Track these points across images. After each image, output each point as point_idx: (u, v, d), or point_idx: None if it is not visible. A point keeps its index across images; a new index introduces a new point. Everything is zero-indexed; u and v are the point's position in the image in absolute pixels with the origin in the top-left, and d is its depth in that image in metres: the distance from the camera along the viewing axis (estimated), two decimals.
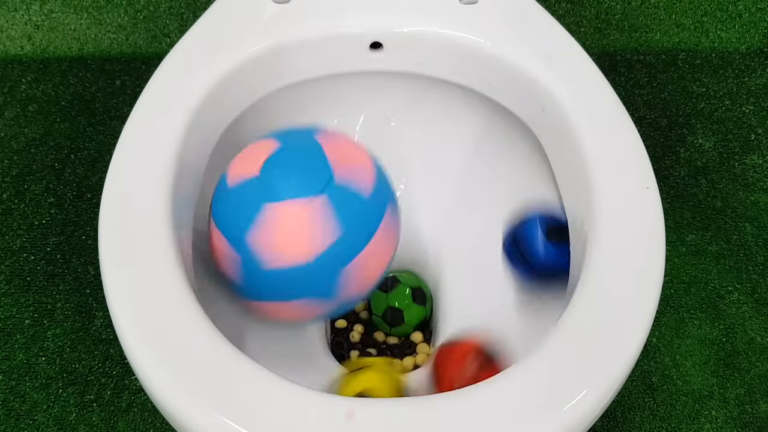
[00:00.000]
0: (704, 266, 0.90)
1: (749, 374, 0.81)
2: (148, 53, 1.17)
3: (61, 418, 0.76)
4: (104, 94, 1.11)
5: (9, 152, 1.03)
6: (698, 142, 1.05)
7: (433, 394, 0.41)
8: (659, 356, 0.82)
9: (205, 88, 0.58)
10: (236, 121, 0.64)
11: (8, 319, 0.84)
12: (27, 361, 0.80)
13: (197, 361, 0.41)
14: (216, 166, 0.64)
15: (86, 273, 0.88)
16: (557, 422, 0.39)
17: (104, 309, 0.85)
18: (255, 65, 0.62)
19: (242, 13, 0.64)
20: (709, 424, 0.77)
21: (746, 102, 1.11)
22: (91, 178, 0.99)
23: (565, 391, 0.40)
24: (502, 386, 0.40)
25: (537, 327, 0.57)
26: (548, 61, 0.61)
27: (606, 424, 0.77)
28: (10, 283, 0.87)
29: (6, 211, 0.95)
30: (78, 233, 0.93)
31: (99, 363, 0.80)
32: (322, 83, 0.69)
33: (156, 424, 0.76)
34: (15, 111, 1.09)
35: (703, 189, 0.99)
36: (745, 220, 0.95)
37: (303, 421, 0.39)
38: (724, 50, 1.19)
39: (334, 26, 0.64)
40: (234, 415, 0.39)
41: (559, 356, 0.42)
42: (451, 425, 0.39)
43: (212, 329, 0.43)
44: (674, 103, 1.10)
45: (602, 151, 0.54)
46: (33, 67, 1.15)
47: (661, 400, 0.79)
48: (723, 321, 0.85)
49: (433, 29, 0.64)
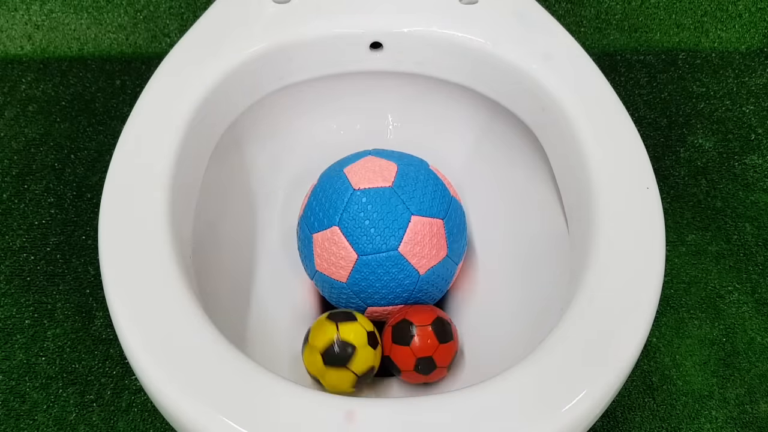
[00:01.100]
0: (704, 266, 0.90)
1: (749, 374, 0.81)
2: (148, 53, 1.17)
3: (61, 418, 0.76)
4: (104, 94, 1.11)
5: (9, 152, 1.03)
6: (698, 142, 1.05)
7: (433, 395, 0.41)
8: (659, 356, 0.82)
9: (205, 88, 0.58)
10: (236, 121, 0.64)
11: (8, 319, 0.84)
12: (27, 361, 0.80)
13: (197, 361, 0.41)
14: (216, 166, 0.64)
15: (86, 273, 0.88)
16: (557, 422, 0.39)
17: (104, 309, 0.85)
18: (255, 65, 0.62)
19: (242, 13, 0.64)
20: (709, 424, 0.77)
21: (746, 102, 1.11)
22: (91, 178, 0.99)
23: (565, 391, 0.40)
24: (502, 386, 0.40)
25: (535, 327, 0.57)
26: (548, 60, 0.61)
27: (606, 424, 0.77)
28: (10, 283, 0.87)
29: (6, 211, 0.95)
30: (78, 233, 0.93)
31: (99, 363, 0.80)
32: (322, 83, 0.69)
33: (156, 424, 0.76)
34: (15, 111, 1.09)
35: (703, 189, 0.99)
36: (745, 220, 0.95)
37: (303, 421, 0.39)
38: (724, 50, 1.19)
39: (334, 26, 0.64)
40: (234, 415, 0.39)
41: (559, 356, 0.42)
42: (451, 425, 0.39)
43: (212, 329, 0.43)
44: (674, 103, 1.10)
45: (602, 151, 0.54)
46: (33, 67, 1.15)
47: (661, 400, 0.79)
48: (723, 321, 0.85)
49: (433, 29, 0.64)
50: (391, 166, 0.59)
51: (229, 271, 0.63)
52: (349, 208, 0.57)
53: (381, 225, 0.56)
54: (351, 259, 0.57)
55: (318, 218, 0.59)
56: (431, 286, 0.60)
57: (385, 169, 0.59)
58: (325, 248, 0.58)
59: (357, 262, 0.57)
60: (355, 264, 0.57)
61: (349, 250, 0.57)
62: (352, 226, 0.57)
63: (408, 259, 0.57)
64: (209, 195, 0.62)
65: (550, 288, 0.59)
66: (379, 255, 0.56)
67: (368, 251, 0.56)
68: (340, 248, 0.57)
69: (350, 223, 0.57)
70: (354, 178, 0.58)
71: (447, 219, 0.59)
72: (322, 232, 0.58)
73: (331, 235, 0.57)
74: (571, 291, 0.47)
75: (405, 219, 0.57)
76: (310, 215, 0.60)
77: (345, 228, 0.57)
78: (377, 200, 0.57)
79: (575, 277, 0.48)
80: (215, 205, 0.64)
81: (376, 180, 0.58)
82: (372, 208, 0.57)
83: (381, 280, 0.57)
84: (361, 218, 0.57)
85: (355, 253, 0.57)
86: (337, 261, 0.58)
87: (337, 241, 0.57)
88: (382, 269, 0.57)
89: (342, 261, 0.57)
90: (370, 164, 0.60)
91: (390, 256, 0.56)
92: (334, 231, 0.57)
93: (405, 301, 0.60)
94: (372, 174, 0.58)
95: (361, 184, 0.58)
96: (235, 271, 0.65)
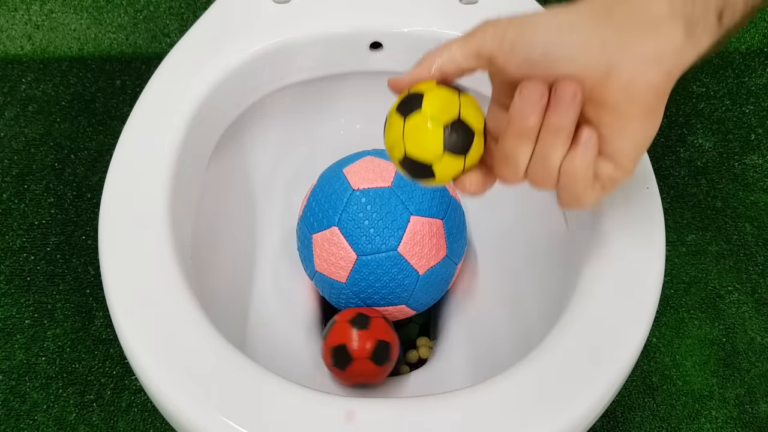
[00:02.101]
0: (704, 266, 0.90)
1: (749, 374, 0.81)
2: (148, 53, 1.17)
3: (61, 418, 0.76)
4: (104, 94, 1.11)
5: (9, 152, 1.03)
6: (698, 142, 1.05)
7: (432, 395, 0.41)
8: (659, 356, 0.82)
9: (205, 88, 0.58)
10: (236, 121, 0.64)
11: (8, 319, 0.84)
12: (27, 361, 0.80)
13: (197, 361, 0.41)
14: (216, 166, 0.64)
15: (86, 273, 0.88)
16: (557, 422, 0.39)
17: (104, 309, 0.85)
18: (255, 65, 0.62)
19: (242, 13, 0.64)
20: (709, 424, 0.77)
21: (746, 102, 1.11)
22: (91, 178, 0.99)
23: (565, 391, 0.40)
24: (502, 386, 0.40)
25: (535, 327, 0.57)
26: None
27: (606, 424, 0.77)
28: (10, 283, 0.87)
29: (6, 211, 0.95)
30: (78, 233, 0.93)
31: (99, 363, 0.80)
32: (322, 83, 0.69)
33: (156, 424, 0.76)
34: (15, 111, 1.09)
35: (703, 189, 0.99)
36: (745, 220, 0.95)
37: (303, 421, 0.39)
38: (724, 50, 1.19)
39: (334, 26, 0.64)
40: (234, 415, 0.39)
41: (558, 356, 0.42)
42: (451, 425, 0.39)
43: (212, 329, 0.43)
44: (674, 103, 1.10)
45: None
46: (33, 67, 1.15)
47: (661, 400, 0.79)
48: (723, 321, 0.85)
49: (433, 29, 0.64)
50: (390, 166, 0.59)
51: (229, 271, 0.63)
52: (349, 208, 0.57)
53: (380, 225, 0.56)
54: (350, 260, 0.57)
55: (317, 219, 0.59)
56: (431, 285, 0.60)
57: (384, 169, 0.59)
58: (325, 249, 0.58)
59: (356, 263, 0.57)
60: (354, 264, 0.57)
61: (349, 250, 0.57)
62: (352, 227, 0.57)
63: (407, 259, 0.57)
64: (209, 195, 0.62)
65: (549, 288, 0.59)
66: (379, 255, 0.56)
67: (368, 251, 0.56)
68: (340, 248, 0.57)
69: (349, 224, 0.57)
70: (353, 178, 0.59)
71: (446, 219, 0.59)
72: (322, 232, 0.58)
73: (331, 236, 0.57)
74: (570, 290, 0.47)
75: (404, 219, 0.57)
76: (310, 216, 0.60)
77: (344, 228, 0.57)
78: (376, 200, 0.57)
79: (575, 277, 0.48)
80: (215, 205, 0.64)
81: (375, 180, 0.58)
82: (371, 209, 0.57)
83: (381, 281, 0.57)
84: (361, 218, 0.57)
85: (354, 254, 0.57)
86: (336, 261, 0.58)
87: (336, 242, 0.57)
88: (382, 269, 0.57)
89: (341, 261, 0.57)
90: (369, 164, 0.60)
91: (389, 257, 0.56)
92: (333, 231, 0.57)
93: (405, 302, 0.60)
94: (371, 174, 0.59)
95: (361, 184, 0.58)
96: (235, 271, 0.65)
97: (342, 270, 0.58)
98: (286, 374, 0.41)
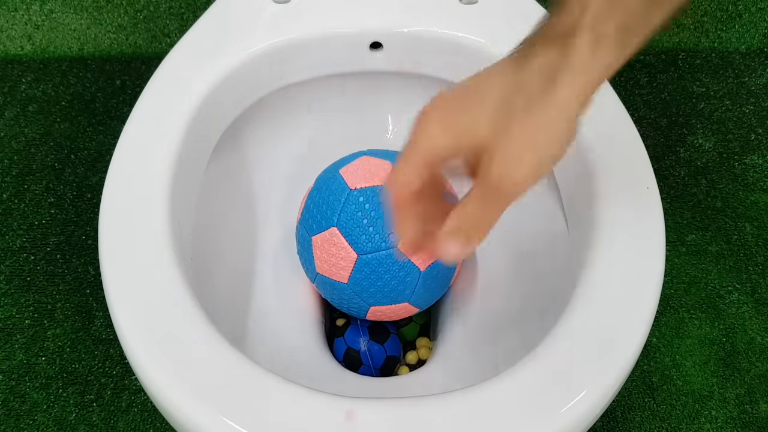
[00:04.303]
0: (704, 266, 0.90)
1: (749, 374, 0.81)
2: (148, 53, 1.17)
3: (61, 418, 0.76)
4: (104, 94, 1.11)
5: (9, 152, 1.03)
6: (698, 142, 1.05)
7: (432, 395, 0.41)
8: (659, 356, 0.82)
9: (205, 88, 0.58)
10: (236, 121, 0.64)
11: (8, 319, 0.84)
12: (27, 361, 0.80)
13: (197, 361, 0.41)
14: (216, 166, 0.64)
15: (86, 273, 0.88)
16: (557, 422, 0.39)
17: (104, 309, 0.85)
18: (255, 65, 0.62)
19: (242, 13, 0.64)
20: (709, 424, 0.77)
21: (746, 102, 1.11)
22: (91, 178, 0.99)
23: (565, 391, 0.40)
24: (502, 386, 0.40)
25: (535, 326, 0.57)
26: None
27: (606, 424, 0.77)
28: (10, 283, 0.87)
29: (6, 211, 0.95)
30: (78, 233, 0.93)
31: (99, 363, 0.80)
32: (322, 83, 0.69)
33: (156, 424, 0.76)
34: (15, 111, 1.09)
35: (703, 189, 0.99)
36: (745, 220, 0.95)
37: (303, 421, 0.39)
38: (724, 50, 1.19)
39: (334, 26, 0.64)
40: (234, 415, 0.39)
41: (558, 356, 0.42)
42: (451, 425, 0.39)
43: (212, 329, 0.43)
44: (674, 103, 1.10)
45: (602, 150, 0.54)
46: (33, 67, 1.15)
47: (661, 400, 0.79)
48: (723, 321, 0.85)
49: (433, 29, 0.64)
50: (387, 165, 0.59)
51: (229, 271, 0.63)
52: (347, 208, 0.57)
53: (379, 223, 0.56)
54: (351, 259, 0.57)
55: (316, 220, 0.59)
56: (433, 282, 0.60)
57: (380, 168, 0.59)
58: (325, 250, 0.58)
59: (357, 262, 0.57)
60: (355, 263, 0.57)
61: (349, 250, 0.57)
62: (351, 226, 0.57)
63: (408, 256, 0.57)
64: (209, 195, 0.62)
65: (549, 287, 0.59)
66: (379, 253, 0.56)
67: (368, 250, 0.56)
68: (340, 249, 0.57)
69: (348, 223, 0.57)
70: (350, 178, 0.59)
71: None
72: (321, 234, 0.58)
73: (330, 236, 0.57)
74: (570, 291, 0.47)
75: None
76: (308, 218, 0.60)
77: (343, 228, 0.57)
78: (374, 199, 0.57)
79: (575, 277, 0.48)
80: (215, 205, 0.64)
81: (372, 179, 0.58)
82: (369, 207, 0.57)
83: (382, 279, 0.57)
84: (359, 217, 0.57)
85: (354, 253, 0.57)
86: (337, 262, 0.58)
87: (336, 242, 0.57)
88: (383, 267, 0.57)
89: (342, 261, 0.57)
90: (366, 164, 0.60)
91: (390, 254, 0.56)
92: (332, 232, 0.57)
93: (408, 299, 0.60)
94: (368, 173, 0.59)
95: (358, 183, 0.58)
96: (235, 271, 0.65)
97: (343, 270, 0.58)
98: (286, 374, 0.41)
